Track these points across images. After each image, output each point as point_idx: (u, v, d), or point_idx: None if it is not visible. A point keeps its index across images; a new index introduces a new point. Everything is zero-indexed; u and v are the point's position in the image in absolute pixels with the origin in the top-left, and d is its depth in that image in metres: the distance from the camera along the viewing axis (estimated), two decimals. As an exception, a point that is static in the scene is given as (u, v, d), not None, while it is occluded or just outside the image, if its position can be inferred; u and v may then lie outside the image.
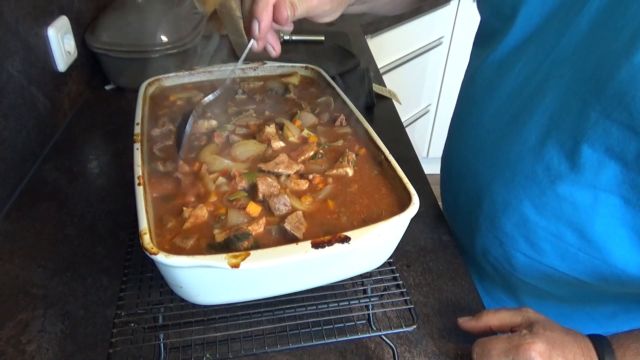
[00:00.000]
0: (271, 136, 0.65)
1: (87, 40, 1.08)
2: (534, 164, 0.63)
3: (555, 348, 0.50)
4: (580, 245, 0.63)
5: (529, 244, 0.68)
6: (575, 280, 0.67)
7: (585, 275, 0.65)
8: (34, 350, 0.59)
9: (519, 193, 0.66)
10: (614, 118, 0.52)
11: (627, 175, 0.56)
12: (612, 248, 0.61)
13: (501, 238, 0.70)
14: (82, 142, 1.00)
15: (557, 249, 0.66)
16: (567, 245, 0.64)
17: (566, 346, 0.51)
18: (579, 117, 0.56)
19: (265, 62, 0.85)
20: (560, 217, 0.63)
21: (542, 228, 0.65)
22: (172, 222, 0.52)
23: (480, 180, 0.72)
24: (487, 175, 0.70)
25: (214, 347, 0.53)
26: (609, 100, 0.52)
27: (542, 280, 0.70)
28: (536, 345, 0.50)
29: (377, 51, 1.54)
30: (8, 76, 0.83)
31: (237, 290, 0.51)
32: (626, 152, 0.54)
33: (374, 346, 0.61)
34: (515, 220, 0.67)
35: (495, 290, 0.81)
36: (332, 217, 0.54)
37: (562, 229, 0.64)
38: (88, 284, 0.67)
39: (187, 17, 1.16)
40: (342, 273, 0.55)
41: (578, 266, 0.65)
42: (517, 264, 0.71)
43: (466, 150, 0.75)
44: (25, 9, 0.89)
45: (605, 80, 0.52)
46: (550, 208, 0.63)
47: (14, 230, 0.76)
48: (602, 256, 0.62)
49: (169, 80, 0.80)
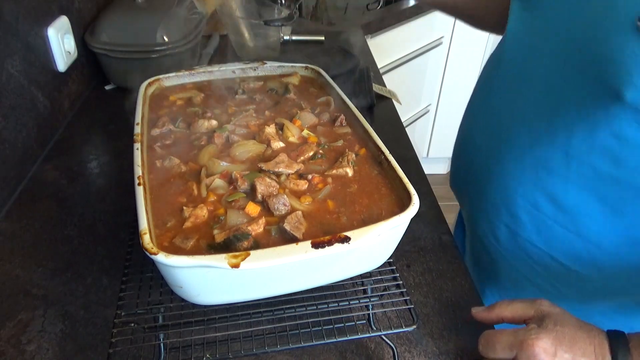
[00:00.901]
0: (271, 136, 0.65)
1: (87, 40, 1.08)
2: (519, 127, 0.63)
3: (563, 344, 0.48)
4: (555, 215, 0.63)
5: (509, 215, 0.68)
6: (553, 262, 0.66)
7: (561, 253, 0.65)
8: (34, 350, 0.59)
9: (502, 158, 0.66)
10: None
11: (596, 141, 0.55)
12: (585, 220, 0.60)
13: (487, 209, 0.71)
14: (82, 142, 1.00)
15: (534, 220, 0.65)
16: (543, 215, 0.64)
17: (576, 342, 0.49)
18: (563, 80, 0.56)
19: (265, 62, 0.85)
20: (537, 184, 0.62)
21: (520, 195, 0.65)
22: (172, 222, 0.52)
23: (476, 148, 0.73)
24: (482, 143, 0.71)
25: (214, 347, 0.53)
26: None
27: (523, 261, 0.70)
28: (541, 341, 0.48)
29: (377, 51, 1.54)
30: (8, 76, 0.83)
31: (237, 290, 0.51)
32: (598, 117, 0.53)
33: (374, 346, 0.61)
34: (498, 188, 0.67)
35: (486, 283, 0.81)
36: (331, 217, 0.54)
37: (537, 197, 0.63)
38: (88, 284, 0.67)
39: (187, 17, 1.16)
40: (342, 273, 0.55)
41: (554, 242, 0.64)
42: (500, 236, 0.71)
43: (469, 122, 0.77)
44: (25, 9, 0.89)
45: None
46: (527, 173, 0.63)
47: (14, 230, 0.76)
48: (577, 228, 0.61)
49: (169, 80, 0.80)
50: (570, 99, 0.56)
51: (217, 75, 0.83)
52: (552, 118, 0.59)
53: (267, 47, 1.28)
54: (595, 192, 0.58)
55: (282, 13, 1.26)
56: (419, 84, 2.34)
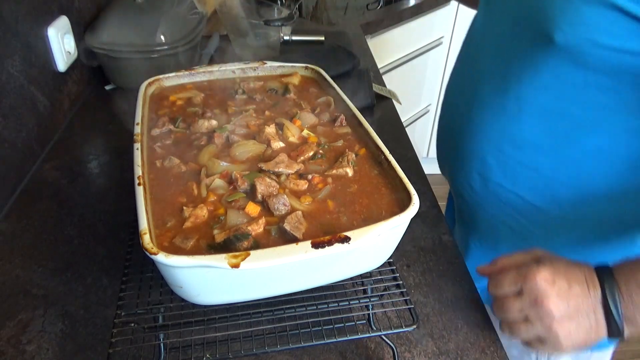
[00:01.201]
0: (271, 136, 0.65)
1: (87, 40, 1.08)
2: (482, 85, 0.73)
3: (559, 274, 0.54)
4: (516, 155, 0.71)
5: (480, 162, 0.75)
6: (519, 200, 0.74)
7: (524, 189, 0.72)
8: (34, 350, 0.59)
9: (471, 115, 0.75)
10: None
11: (540, 82, 0.64)
12: (539, 155, 0.69)
13: (463, 162, 0.79)
14: (82, 142, 1.00)
15: (500, 163, 0.73)
16: (507, 157, 0.72)
17: (570, 273, 0.54)
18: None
19: (265, 62, 0.85)
20: (499, 129, 0.71)
21: (487, 142, 0.73)
22: (172, 222, 0.52)
23: (452, 113, 0.83)
24: (456, 106, 0.81)
25: (214, 347, 0.53)
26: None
27: (495, 204, 0.77)
28: (541, 272, 0.54)
29: (377, 51, 1.54)
30: (8, 76, 0.83)
31: (237, 290, 0.51)
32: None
33: (374, 346, 0.61)
34: (471, 141, 0.76)
35: (470, 236, 0.87)
36: (331, 217, 0.54)
37: (501, 141, 0.72)
38: (88, 284, 0.67)
39: (187, 17, 1.16)
40: (342, 273, 0.55)
41: (518, 180, 0.73)
42: (475, 185, 0.78)
43: (447, 92, 0.87)
44: (25, 9, 0.89)
45: None
46: (491, 122, 0.72)
47: (14, 230, 0.76)
48: (534, 164, 0.70)
49: (169, 80, 0.80)
50: (518, 51, 0.66)
51: (217, 75, 0.83)
52: (505, 71, 0.68)
53: (267, 47, 1.28)
54: (544, 128, 0.66)
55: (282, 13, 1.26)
56: (419, 84, 2.34)
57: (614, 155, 0.64)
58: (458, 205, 0.89)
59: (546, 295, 0.53)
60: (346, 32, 1.55)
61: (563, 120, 0.65)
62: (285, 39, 1.38)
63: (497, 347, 0.61)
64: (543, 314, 0.53)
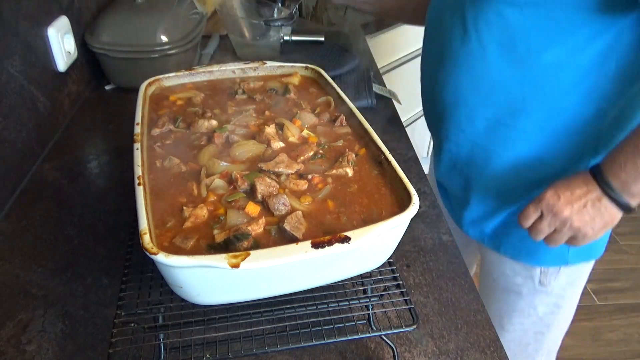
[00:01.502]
0: (271, 136, 0.65)
1: (87, 40, 1.08)
2: (445, 40, 0.81)
3: (561, 188, 0.69)
4: (485, 93, 0.78)
5: (463, 105, 0.81)
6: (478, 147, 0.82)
7: (498, 111, 0.78)
8: (34, 350, 0.59)
9: (443, 67, 0.82)
10: None
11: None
12: (492, 65, 0.75)
13: (441, 111, 0.85)
14: (82, 142, 1.00)
15: (476, 103, 0.79)
16: (481, 97, 0.79)
17: (570, 183, 0.69)
18: None
19: (265, 62, 0.85)
20: (457, 61, 0.79)
21: (462, 87, 0.80)
22: (172, 222, 0.52)
23: (429, 72, 0.89)
24: (431, 65, 0.88)
25: (214, 347, 0.53)
26: None
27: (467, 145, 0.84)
28: (547, 194, 0.70)
29: (377, 51, 1.54)
30: (8, 76, 0.83)
31: (237, 290, 0.51)
32: None
33: (374, 346, 0.61)
34: (443, 89, 0.83)
35: (467, 192, 0.91)
36: (331, 217, 0.54)
37: (460, 73, 0.80)
38: (88, 284, 0.67)
39: (187, 17, 1.16)
40: (342, 273, 0.55)
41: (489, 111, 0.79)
42: (451, 136, 0.85)
43: (422, 62, 0.95)
44: (25, 9, 0.89)
45: None
46: (450, 61, 0.80)
47: (14, 230, 0.76)
48: (488, 72, 0.76)
49: (169, 80, 0.80)
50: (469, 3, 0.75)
51: (217, 75, 0.83)
52: (462, 21, 0.76)
53: (267, 47, 1.28)
54: (495, 40, 0.73)
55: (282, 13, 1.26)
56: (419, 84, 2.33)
57: (574, 67, 0.70)
58: (451, 158, 0.91)
59: (557, 206, 0.69)
60: (346, 32, 1.55)
61: (507, 31, 0.72)
62: (285, 39, 1.38)
63: (497, 347, 0.61)
64: (562, 220, 0.69)
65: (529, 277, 0.89)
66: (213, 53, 1.32)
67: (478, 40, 0.74)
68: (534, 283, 0.89)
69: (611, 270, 2.16)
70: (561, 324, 0.96)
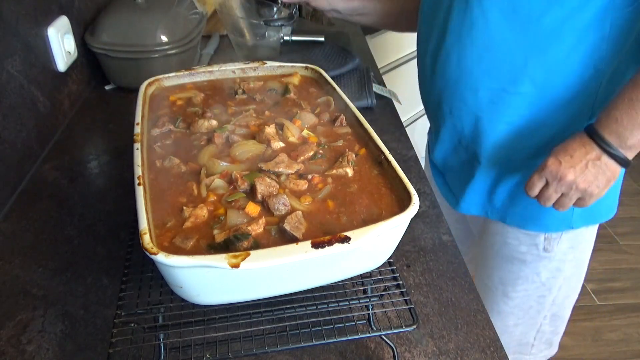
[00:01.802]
0: (271, 136, 0.65)
1: (87, 40, 1.08)
2: (442, 21, 0.83)
3: (560, 153, 0.73)
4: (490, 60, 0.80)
5: (469, 77, 0.82)
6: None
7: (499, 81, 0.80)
8: (34, 350, 0.59)
9: (444, 45, 0.83)
10: None
11: None
12: (494, 30, 0.77)
13: (443, 90, 0.86)
14: (82, 142, 1.00)
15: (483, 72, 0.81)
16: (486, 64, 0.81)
17: (568, 147, 0.73)
18: None
19: (265, 62, 0.85)
20: (469, 42, 0.81)
21: (466, 59, 0.82)
22: (172, 222, 0.52)
23: (425, 55, 0.90)
24: (428, 49, 0.89)
25: (214, 347, 0.53)
26: None
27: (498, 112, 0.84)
28: (548, 161, 0.73)
29: (377, 51, 1.54)
30: (8, 76, 0.83)
31: (237, 290, 0.51)
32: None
33: (374, 346, 0.61)
34: (448, 69, 0.84)
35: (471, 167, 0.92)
36: (331, 217, 0.54)
37: (466, 49, 0.81)
38: (88, 284, 0.67)
39: (187, 17, 1.16)
40: (342, 273, 0.55)
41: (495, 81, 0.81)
42: (454, 110, 0.86)
43: (418, 47, 0.97)
44: (25, 9, 0.89)
45: None
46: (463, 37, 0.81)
47: (14, 230, 0.76)
48: (490, 40, 0.78)
49: (169, 80, 0.80)
50: None
51: (217, 75, 0.83)
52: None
53: (267, 47, 1.28)
54: (496, 7, 0.74)
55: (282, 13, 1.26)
56: (419, 83, 2.33)
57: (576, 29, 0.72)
58: (455, 134, 0.92)
59: (560, 172, 0.72)
60: (346, 32, 1.55)
61: (520, 11, 0.73)
62: (285, 39, 1.38)
63: (497, 347, 0.61)
64: (568, 184, 0.72)
65: (533, 244, 0.92)
66: (213, 53, 1.32)
67: (480, 10, 0.76)
68: (538, 250, 0.92)
69: (611, 270, 2.16)
70: (563, 287, 0.98)
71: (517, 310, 1.00)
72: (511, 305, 1.00)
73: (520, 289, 0.97)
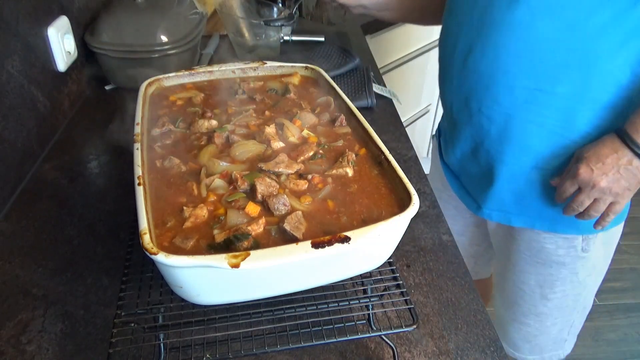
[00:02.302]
0: (271, 136, 0.65)
1: (87, 40, 1.08)
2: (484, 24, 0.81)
3: (592, 160, 0.73)
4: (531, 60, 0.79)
5: (502, 74, 0.81)
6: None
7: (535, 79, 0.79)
8: (34, 350, 0.59)
9: (477, 45, 0.81)
10: None
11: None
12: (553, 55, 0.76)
13: (473, 86, 0.84)
14: (82, 142, 1.00)
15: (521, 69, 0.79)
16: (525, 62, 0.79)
17: (599, 153, 0.73)
18: None
19: (265, 62, 0.85)
20: (510, 38, 0.79)
21: (506, 55, 0.80)
22: (172, 222, 0.52)
23: (453, 52, 0.88)
24: (457, 46, 0.87)
25: (214, 347, 0.53)
26: None
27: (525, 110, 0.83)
28: (580, 169, 0.74)
29: (377, 51, 1.54)
30: (8, 76, 0.83)
31: (237, 290, 0.51)
32: None
33: (374, 346, 0.61)
34: (482, 64, 0.82)
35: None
36: (331, 217, 0.54)
37: (516, 50, 0.78)
38: (88, 284, 0.67)
39: (187, 17, 1.16)
40: (342, 273, 0.55)
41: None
42: (484, 109, 0.84)
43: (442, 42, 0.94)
44: (25, 9, 0.89)
45: None
46: (502, 32, 0.79)
47: (14, 230, 0.76)
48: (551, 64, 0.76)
49: (169, 80, 0.80)
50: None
51: (217, 75, 0.83)
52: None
53: (267, 47, 1.28)
54: (544, 5, 0.73)
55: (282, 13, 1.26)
56: (419, 84, 2.34)
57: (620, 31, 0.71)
58: (479, 136, 0.89)
59: (592, 179, 0.73)
60: (346, 32, 1.55)
61: (569, 11, 0.71)
62: (285, 39, 1.38)
63: (497, 347, 0.61)
64: (601, 190, 0.73)
65: (571, 246, 0.91)
66: (213, 53, 1.32)
67: (527, 7, 0.74)
68: (577, 251, 0.91)
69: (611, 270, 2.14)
70: (596, 282, 0.99)
71: (555, 310, 0.99)
72: (550, 307, 0.99)
73: (559, 290, 0.96)
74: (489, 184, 0.90)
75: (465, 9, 0.85)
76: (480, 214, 0.94)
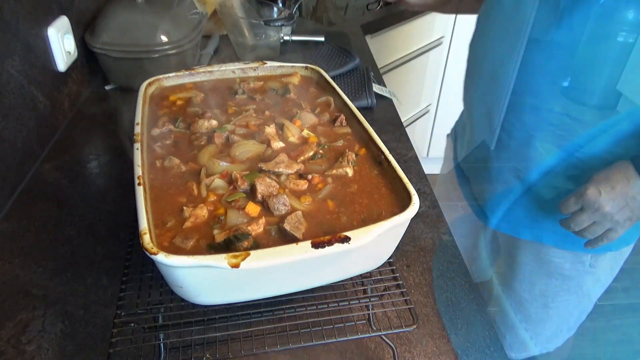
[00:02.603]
0: (271, 136, 0.65)
1: (87, 40, 1.08)
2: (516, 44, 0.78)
3: (602, 183, 0.71)
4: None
5: (530, 94, 0.80)
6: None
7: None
8: (34, 350, 0.59)
9: (505, 63, 0.80)
10: None
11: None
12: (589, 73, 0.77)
13: (500, 99, 0.82)
14: (82, 142, 1.00)
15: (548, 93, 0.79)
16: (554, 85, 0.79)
17: (611, 177, 0.71)
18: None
19: (265, 62, 0.85)
20: (548, 57, 0.78)
21: (540, 74, 0.79)
22: (172, 222, 0.52)
23: (484, 65, 0.87)
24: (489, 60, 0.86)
25: (214, 347, 0.53)
26: None
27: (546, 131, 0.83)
28: (588, 190, 0.71)
29: (377, 51, 1.54)
30: (8, 76, 0.83)
31: (237, 290, 0.51)
32: None
33: (374, 346, 0.61)
34: (514, 79, 0.80)
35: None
36: (331, 217, 0.54)
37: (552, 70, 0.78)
38: (88, 284, 0.67)
39: (187, 17, 1.16)
40: (342, 273, 0.55)
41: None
42: (506, 125, 0.83)
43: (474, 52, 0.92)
44: (25, 9, 0.89)
45: None
46: (541, 51, 0.78)
47: (14, 230, 0.76)
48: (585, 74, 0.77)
49: (169, 80, 0.80)
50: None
51: (217, 75, 0.83)
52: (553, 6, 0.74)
53: (267, 47, 1.28)
54: (588, 27, 0.71)
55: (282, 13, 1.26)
56: (419, 84, 2.34)
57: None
58: (500, 149, 0.88)
59: (598, 202, 0.70)
60: (346, 32, 1.55)
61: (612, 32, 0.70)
62: (285, 39, 1.38)
63: (497, 347, 0.61)
64: (604, 214, 0.71)
65: (579, 262, 0.90)
66: (213, 53, 1.32)
67: (569, 27, 0.72)
68: (585, 266, 0.90)
69: (611, 270, 2.16)
70: (599, 292, 0.99)
71: (555, 316, 0.99)
72: (550, 314, 0.99)
73: (561, 300, 0.96)
74: (501, 196, 0.89)
75: (502, 17, 0.82)
76: (489, 223, 0.94)
